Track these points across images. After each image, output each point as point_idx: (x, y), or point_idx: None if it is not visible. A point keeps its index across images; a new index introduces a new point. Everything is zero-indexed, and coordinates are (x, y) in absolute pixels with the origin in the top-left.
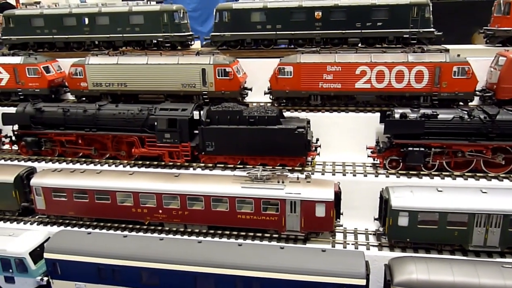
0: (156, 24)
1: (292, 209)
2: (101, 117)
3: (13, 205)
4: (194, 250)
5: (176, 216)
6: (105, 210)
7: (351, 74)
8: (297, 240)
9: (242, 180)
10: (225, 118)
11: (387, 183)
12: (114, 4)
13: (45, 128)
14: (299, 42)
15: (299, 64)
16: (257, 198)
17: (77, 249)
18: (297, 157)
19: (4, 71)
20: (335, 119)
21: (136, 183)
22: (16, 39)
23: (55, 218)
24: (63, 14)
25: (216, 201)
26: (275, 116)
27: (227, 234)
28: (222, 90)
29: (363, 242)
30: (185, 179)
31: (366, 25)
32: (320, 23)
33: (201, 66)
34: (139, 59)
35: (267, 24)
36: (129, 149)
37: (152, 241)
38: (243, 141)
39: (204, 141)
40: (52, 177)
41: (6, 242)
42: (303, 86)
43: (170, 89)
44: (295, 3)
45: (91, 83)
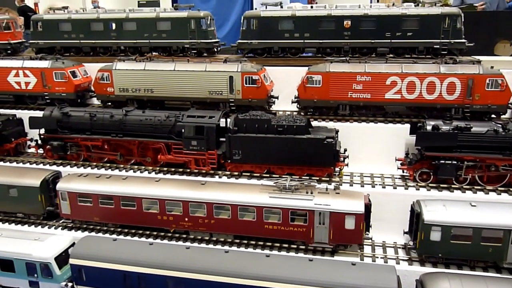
0: (183, 31)
1: (320, 221)
2: (127, 123)
3: (38, 209)
4: (221, 259)
5: (202, 224)
6: (131, 216)
7: (381, 84)
8: (324, 252)
9: (270, 189)
10: (253, 127)
11: (417, 196)
12: (141, 10)
13: (71, 132)
14: (327, 51)
15: (328, 73)
16: (285, 209)
17: (102, 255)
18: (325, 168)
19: (32, 75)
20: (363, 129)
21: (162, 190)
22: (44, 43)
23: (79, 223)
24: (91, 19)
25: (243, 211)
26: (304, 126)
27: (253, 244)
28: (249, 98)
29: (392, 256)
30: (212, 187)
31: (396, 35)
32: (349, 32)
33: (228, 74)
34: (167, 65)
35: (295, 32)
36: (154, 155)
37: (178, 250)
38: (270, 150)
39: (231, 149)
40: (78, 182)
41: (32, 246)
42: (332, 96)
43: (197, 96)
44: (324, 12)
45: (117, 88)
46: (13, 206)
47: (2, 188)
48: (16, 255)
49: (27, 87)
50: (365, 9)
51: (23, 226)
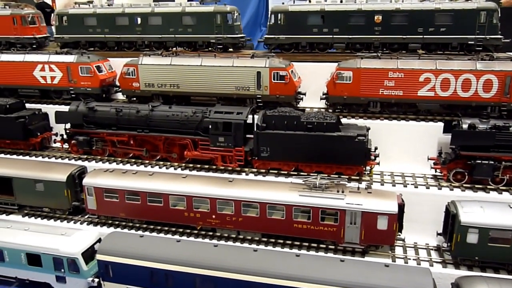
0: (209, 25)
1: (352, 220)
2: (154, 118)
3: (64, 204)
4: (250, 258)
5: (230, 222)
6: (157, 213)
7: (414, 81)
8: (355, 253)
9: (299, 187)
10: (281, 123)
11: (451, 196)
12: (167, 4)
13: (97, 127)
14: (356, 46)
15: (359, 70)
16: (316, 207)
17: (129, 252)
18: (355, 166)
19: (58, 69)
20: (394, 127)
21: (189, 187)
22: (69, 38)
23: (105, 218)
24: (116, 14)
25: (272, 209)
26: (335, 123)
27: (281, 243)
28: (276, 94)
29: (425, 257)
30: (240, 184)
31: (429, 30)
32: (379, 28)
33: (256, 69)
34: (193, 60)
35: (324, 27)
36: (180, 151)
37: (206, 247)
38: (299, 147)
39: (259, 146)
40: (104, 177)
41: (59, 241)
42: (363, 92)
43: (223, 92)
44: (354, 7)
45: (143, 83)
46: (39, 201)
47: (29, 183)
48: (44, 249)
49: (52, 81)
50: (397, 3)
51: (49, 221)
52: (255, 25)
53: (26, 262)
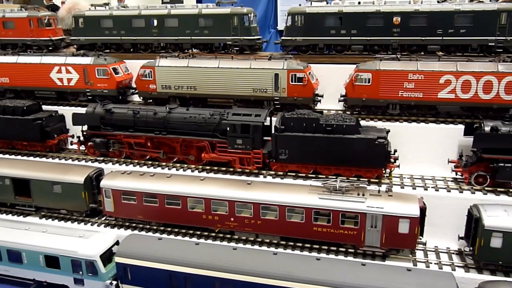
0: (226, 27)
1: (373, 224)
2: (171, 120)
3: (81, 206)
4: (270, 261)
5: (248, 225)
6: (175, 215)
7: (435, 83)
8: (375, 257)
9: (319, 190)
10: (300, 126)
11: (473, 200)
12: (183, 6)
13: (114, 129)
14: (374, 48)
15: (378, 71)
16: (336, 211)
17: (148, 254)
18: (375, 169)
19: (74, 71)
20: (413, 129)
21: (208, 189)
22: (85, 40)
23: (122, 220)
24: (132, 16)
25: (291, 212)
26: (354, 125)
27: (300, 246)
28: (294, 96)
29: (447, 262)
30: (258, 187)
31: (448, 32)
32: (398, 29)
33: (274, 71)
34: (210, 62)
35: (342, 29)
36: (197, 153)
37: (225, 250)
38: (318, 149)
39: (278, 148)
40: (121, 179)
41: (77, 243)
42: (382, 94)
43: (241, 94)
44: (372, 8)
45: (160, 85)
46: (56, 203)
47: (46, 184)
48: (62, 252)
49: (69, 83)
50: (415, 5)
51: (65, 223)
52: (264, 27)
53: (44, 264)
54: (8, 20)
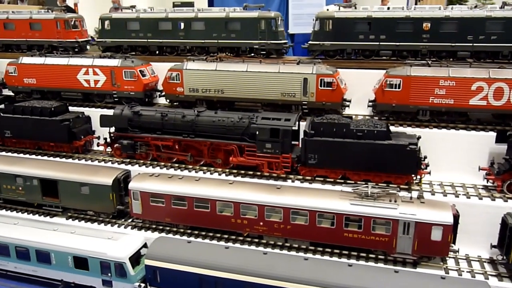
0: (253, 31)
1: (405, 231)
2: (199, 124)
3: (109, 208)
4: (301, 267)
5: (278, 229)
6: (204, 218)
7: (466, 90)
8: (405, 264)
9: (350, 196)
10: (330, 130)
11: (506, 208)
12: (210, 9)
13: (142, 131)
14: (403, 54)
15: (408, 77)
16: (368, 217)
17: (178, 257)
18: (406, 175)
19: (102, 73)
20: (443, 136)
21: (237, 193)
22: (111, 42)
23: (149, 223)
24: (159, 18)
25: (322, 217)
26: (385, 131)
27: (329, 252)
28: (323, 101)
29: (479, 270)
30: (288, 191)
31: (479, 38)
32: (428, 35)
33: (303, 76)
34: (239, 66)
35: (371, 34)
36: (225, 157)
37: (255, 254)
38: (348, 155)
39: (307, 153)
40: (150, 181)
41: (106, 245)
42: (412, 101)
43: (268, 98)
44: (402, 14)
45: (187, 88)
46: (84, 204)
47: (74, 185)
48: (91, 253)
49: (96, 85)
50: (446, 11)
51: (92, 224)
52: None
53: (73, 265)
54: (35, 22)
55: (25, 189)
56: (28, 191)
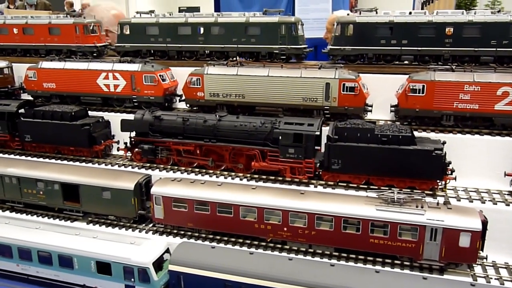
0: (273, 36)
1: (432, 237)
2: (221, 128)
3: (130, 213)
4: (327, 273)
5: (302, 235)
6: (227, 223)
7: (491, 95)
8: (432, 270)
9: (375, 202)
10: (354, 135)
11: None
12: (230, 14)
13: (163, 136)
14: (425, 58)
15: (432, 82)
16: (394, 223)
17: (202, 263)
18: (430, 181)
19: (122, 78)
20: (467, 141)
21: (261, 198)
22: (130, 47)
23: (170, 228)
24: (179, 23)
25: (347, 223)
26: (410, 136)
27: (353, 258)
28: (345, 106)
29: (508, 277)
30: (312, 197)
31: (503, 43)
32: (450, 40)
33: (325, 80)
34: (260, 71)
35: (392, 39)
36: (247, 162)
37: (280, 260)
38: (372, 160)
39: (330, 158)
40: (172, 186)
41: (129, 250)
42: (436, 106)
43: (290, 103)
44: (424, 18)
45: (208, 93)
46: (105, 208)
47: (96, 190)
48: (114, 258)
49: (115, 89)
50: (469, 15)
51: (113, 229)
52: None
53: (96, 270)
54: (54, 26)
55: (46, 194)
56: (49, 195)
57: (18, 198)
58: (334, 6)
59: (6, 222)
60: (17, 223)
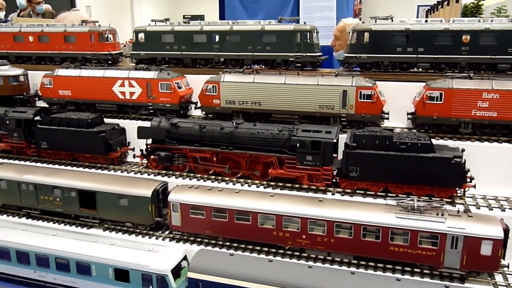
0: (289, 44)
1: (453, 245)
2: (238, 136)
3: (148, 220)
4: (348, 281)
5: (321, 243)
6: (245, 231)
7: (510, 103)
8: (452, 278)
9: (395, 209)
10: (373, 143)
11: None
12: (245, 22)
13: (180, 143)
14: (441, 66)
15: (450, 90)
16: (415, 230)
17: (222, 270)
18: (449, 188)
19: (137, 85)
20: (485, 149)
21: (279, 205)
22: (145, 54)
23: (187, 235)
24: (194, 31)
25: (367, 231)
26: (429, 144)
27: (372, 266)
28: (362, 113)
29: None
30: (331, 204)
31: None
32: (467, 47)
33: (342, 88)
34: (276, 78)
35: (408, 46)
36: (264, 169)
37: (300, 268)
38: (391, 167)
39: (348, 166)
40: (190, 193)
41: (147, 257)
42: (454, 113)
43: (306, 110)
44: (441, 26)
45: (224, 100)
46: (122, 215)
47: (113, 197)
48: (133, 265)
49: (131, 97)
50: (486, 23)
51: (130, 236)
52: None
53: (113, 277)
54: (70, 34)
55: (62, 200)
56: (65, 202)
57: (35, 205)
58: (338, 15)
59: (23, 229)
60: (34, 229)
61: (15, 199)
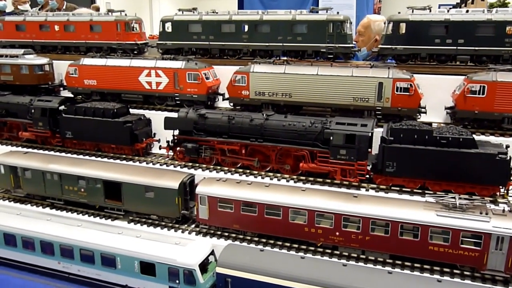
0: (321, 34)
1: (498, 246)
2: (268, 128)
3: (174, 213)
4: (385, 281)
5: (355, 240)
6: (275, 226)
7: None
8: (496, 282)
9: (435, 207)
10: (411, 137)
11: None
12: (276, 12)
13: (207, 135)
14: (482, 59)
15: (494, 83)
16: (456, 230)
17: (252, 266)
18: (492, 186)
19: (164, 75)
20: None
21: (312, 201)
22: (172, 44)
23: (214, 229)
24: (222, 21)
25: (405, 229)
26: (472, 139)
27: (409, 266)
28: (398, 107)
29: None
30: (366, 200)
31: None
32: (511, 39)
33: (378, 80)
34: (308, 69)
35: (447, 38)
36: (294, 163)
37: (334, 266)
38: (430, 163)
39: (385, 161)
40: (218, 186)
41: (175, 251)
42: (497, 108)
43: (339, 103)
44: (483, 17)
45: (253, 91)
46: (148, 208)
47: (139, 189)
48: (159, 259)
49: (158, 87)
50: None
51: (155, 229)
52: None
53: (139, 271)
54: (96, 24)
55: (87, 191)
56: (90, 193)
57: (59, 195)
58: (358, 13)
59: (48, 219)
60: (59, 220)
61: (39, 189)
